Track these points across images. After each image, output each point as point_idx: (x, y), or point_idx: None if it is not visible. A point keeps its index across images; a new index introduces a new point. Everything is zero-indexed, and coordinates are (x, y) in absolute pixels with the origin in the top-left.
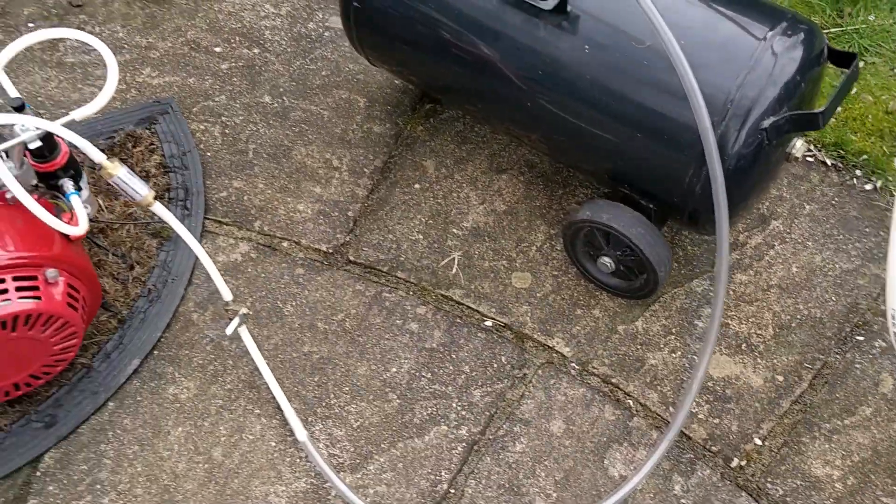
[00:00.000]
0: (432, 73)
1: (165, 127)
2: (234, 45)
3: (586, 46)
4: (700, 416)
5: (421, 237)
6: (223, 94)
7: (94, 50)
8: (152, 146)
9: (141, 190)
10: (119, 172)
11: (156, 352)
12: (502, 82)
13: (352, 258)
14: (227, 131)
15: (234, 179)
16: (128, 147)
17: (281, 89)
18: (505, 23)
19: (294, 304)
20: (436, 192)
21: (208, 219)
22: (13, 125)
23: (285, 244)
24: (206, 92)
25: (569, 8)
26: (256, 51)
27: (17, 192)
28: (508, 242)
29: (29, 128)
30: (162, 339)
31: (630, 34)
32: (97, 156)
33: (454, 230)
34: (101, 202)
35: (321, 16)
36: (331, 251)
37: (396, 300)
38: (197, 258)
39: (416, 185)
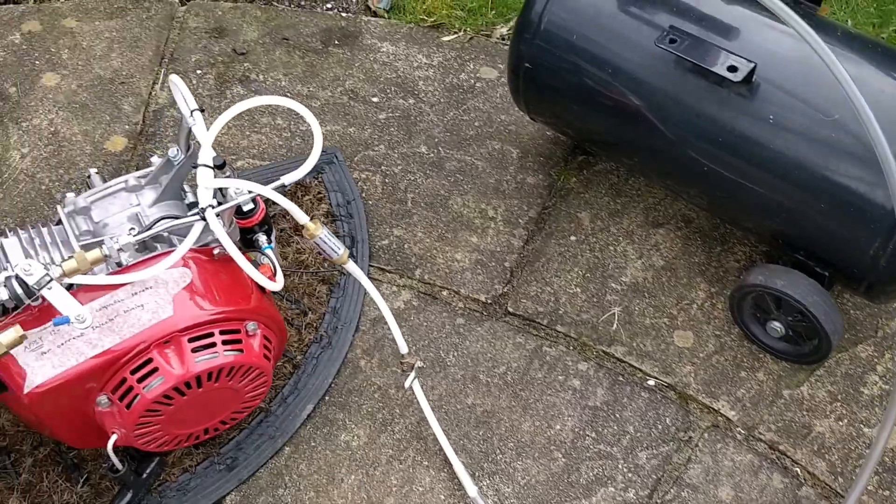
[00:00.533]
0: (598, 131)
1: (331, 176)
2: (389, 95)
3: (771, 117)
4: (870, 488)
5: (579, 290)
6: (382, 144)
7: None
8: (320, 195)
9: (338, 249)
10: (320, 233)
11: (327, 397)
12: (674, 144)
13: (511, 309)
14: (387, 180)
15: (395, 228)
16: (297, 196)
17: (436, 139)
18: (685, 89)
19: (456, 354)
20: (592, 244)
21: (372, 266)
22: (227, 188)
23: (445, 293)
24: (365, 141)
25: (753, 78)
26: (411, 101)
27: (233, 252)
28: (669, 299)
29: (243, 191)
30: (332, 385)
31: (818, 106)
32: (302, 217)
33: (613, 284)
34: None
35: (472, 66)
36: (489, 301)
37: (557, 355)
38: (363, 306)
39: (572, 237)
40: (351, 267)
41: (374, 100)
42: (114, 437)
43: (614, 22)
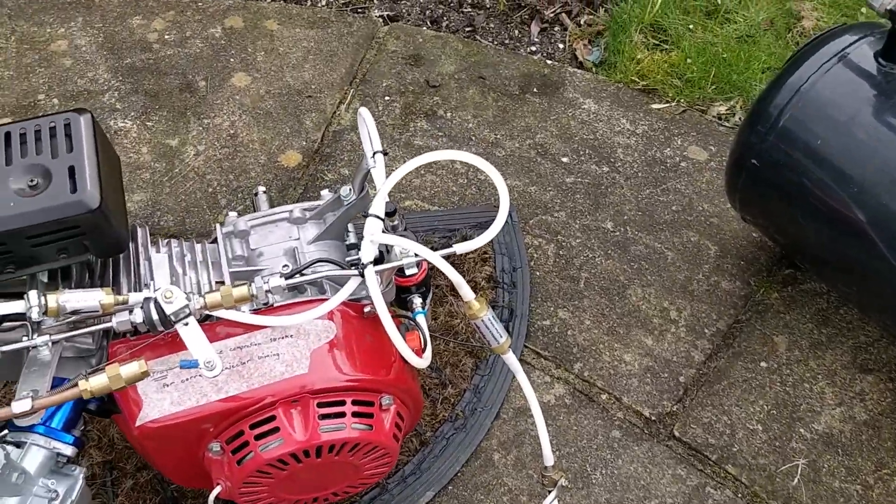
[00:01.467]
0: (819, 246)
1: (501, 237)
2: (582, 157)
3: None
4: None
5: (760, 428)
6: (563, 211)
7: (441, 136)
8: (485, 255)
9: (500, 337)
10: (484, 315)
11: (450, 487)
12: None
13: (676, 433)
14: (561, 252)
15: (561, 309)
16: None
17: (625, 217)
18: None
19: (604, 472)
20: (784, 376)
21: (527, 347)
22: (394, 246)
23: (604, 397)
24: (545, 204)
25: None
26: (605, 169)
27: (385, 318)
28: (866, 463)
29: (409, 252)
30: (459, 475)
31: None
32: (468, 294)
33: (801, 430)
34: None
35: (679, 143)
36: (654, 418)
37: (722, 500)
38: (510, 391)
39: (763, 364)
40: (509, 359)
41: (564, 160)
42: (218, 489)
43: (872, 134)
